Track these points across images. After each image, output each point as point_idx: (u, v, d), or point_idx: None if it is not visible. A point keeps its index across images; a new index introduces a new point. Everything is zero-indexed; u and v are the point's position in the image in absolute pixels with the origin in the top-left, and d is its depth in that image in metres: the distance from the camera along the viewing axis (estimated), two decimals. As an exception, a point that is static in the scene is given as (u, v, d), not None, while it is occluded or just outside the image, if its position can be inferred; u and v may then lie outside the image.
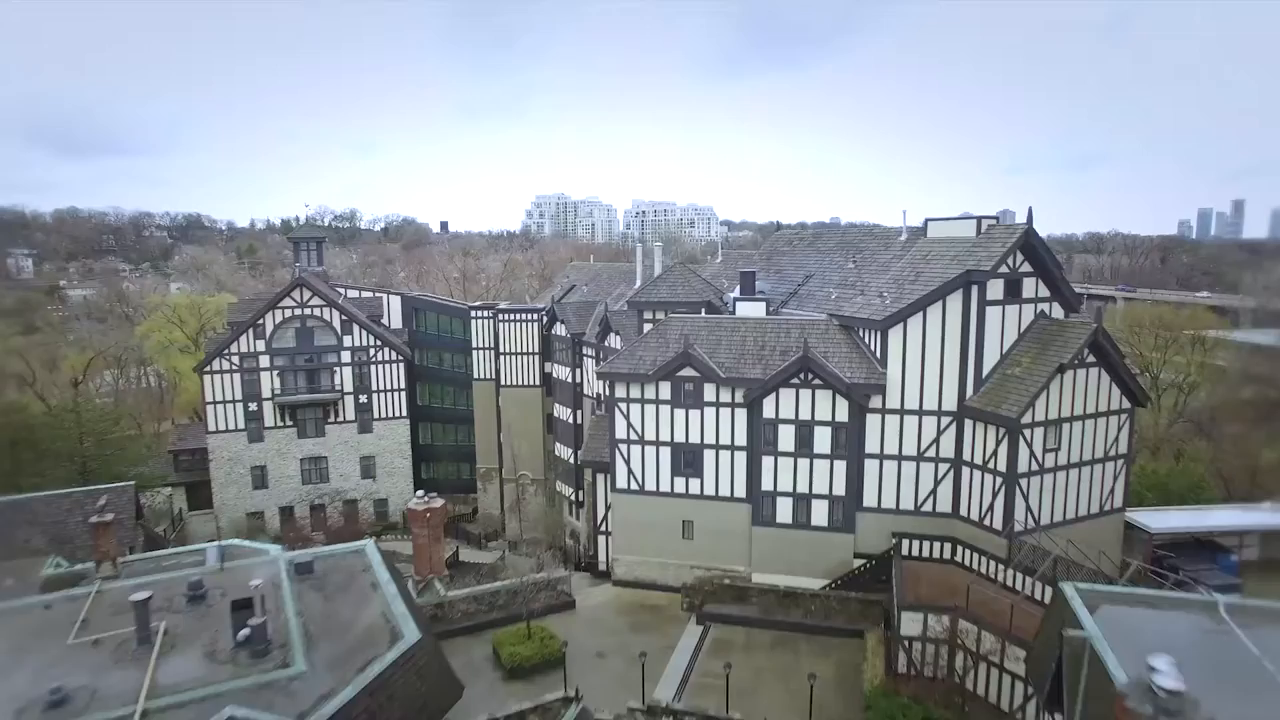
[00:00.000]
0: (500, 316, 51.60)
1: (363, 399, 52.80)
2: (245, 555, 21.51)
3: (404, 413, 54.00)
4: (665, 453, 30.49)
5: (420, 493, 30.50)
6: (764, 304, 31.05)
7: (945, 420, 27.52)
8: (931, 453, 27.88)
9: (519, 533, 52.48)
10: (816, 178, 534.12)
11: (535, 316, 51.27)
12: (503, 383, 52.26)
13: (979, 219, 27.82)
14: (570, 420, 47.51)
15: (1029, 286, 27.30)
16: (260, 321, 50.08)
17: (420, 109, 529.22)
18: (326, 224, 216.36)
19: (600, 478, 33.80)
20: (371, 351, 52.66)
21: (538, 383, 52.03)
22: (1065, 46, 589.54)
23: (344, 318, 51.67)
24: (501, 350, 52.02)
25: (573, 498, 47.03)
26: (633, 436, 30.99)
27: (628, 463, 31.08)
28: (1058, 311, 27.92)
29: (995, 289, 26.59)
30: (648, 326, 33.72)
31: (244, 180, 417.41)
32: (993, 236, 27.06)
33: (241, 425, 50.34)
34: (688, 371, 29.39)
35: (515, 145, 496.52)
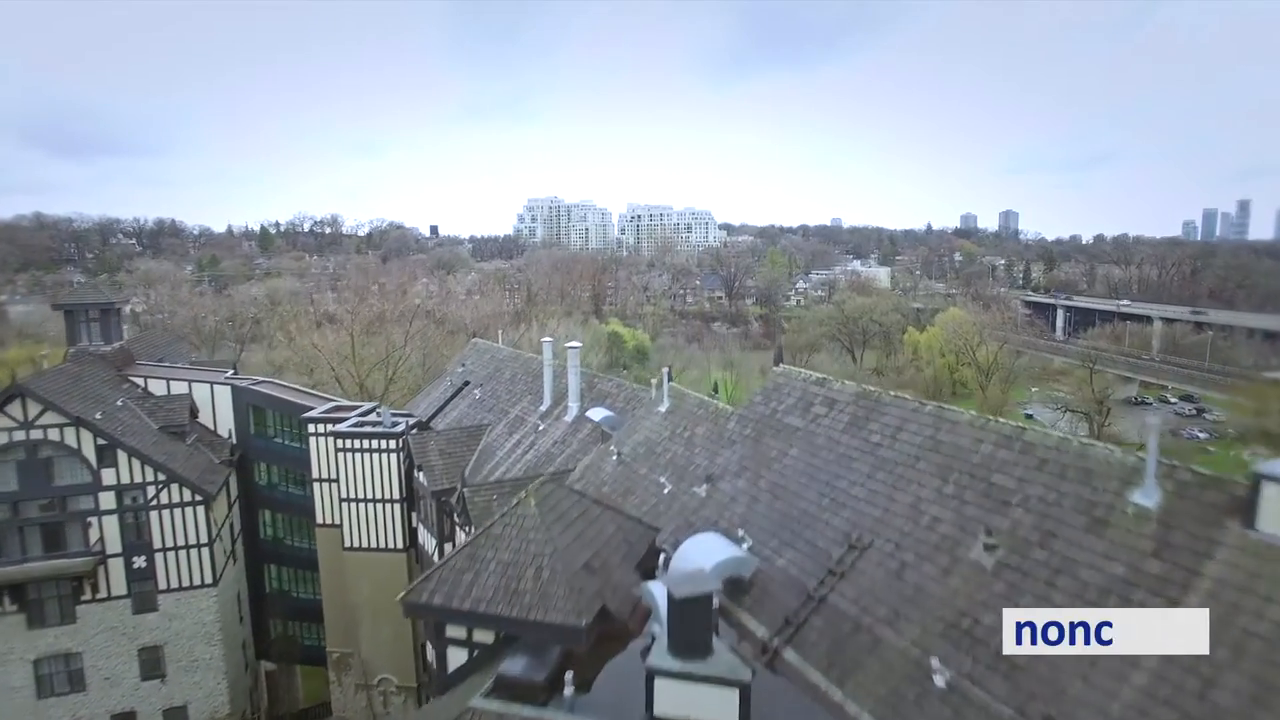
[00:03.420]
0: (340, 442, 30.99)
1: (139, 562, 32.37)
2: None
3: (210, 577, 33.48)
4: None
5: None
6: (735, 693, 10.28)
7: None
8: None
9: (380, 764, 32.36)
10: (817, 179, 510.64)
11: (395, 445, 30.67)
12: (348, 542, 31.77)
13: None
14: (439, 622, 27.08)
15: None
16: (-43, 452, 29.69)
17: (418, 109, 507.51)
18: (307, 229, 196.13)
19: None
20: (151, 490, 32.21)
21: (401, 545, 31.54)
22: (1069, 46, 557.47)
23: (102, 442, 31.23)
24: (345, 494, 31.49)
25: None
26: None
27: None
28: None
29: None
30: (459, 654, 13.15)
31: (239, 182, 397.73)
32: None
33: (-70, 615, 30.11)
34: None
35: (510, 147, 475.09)
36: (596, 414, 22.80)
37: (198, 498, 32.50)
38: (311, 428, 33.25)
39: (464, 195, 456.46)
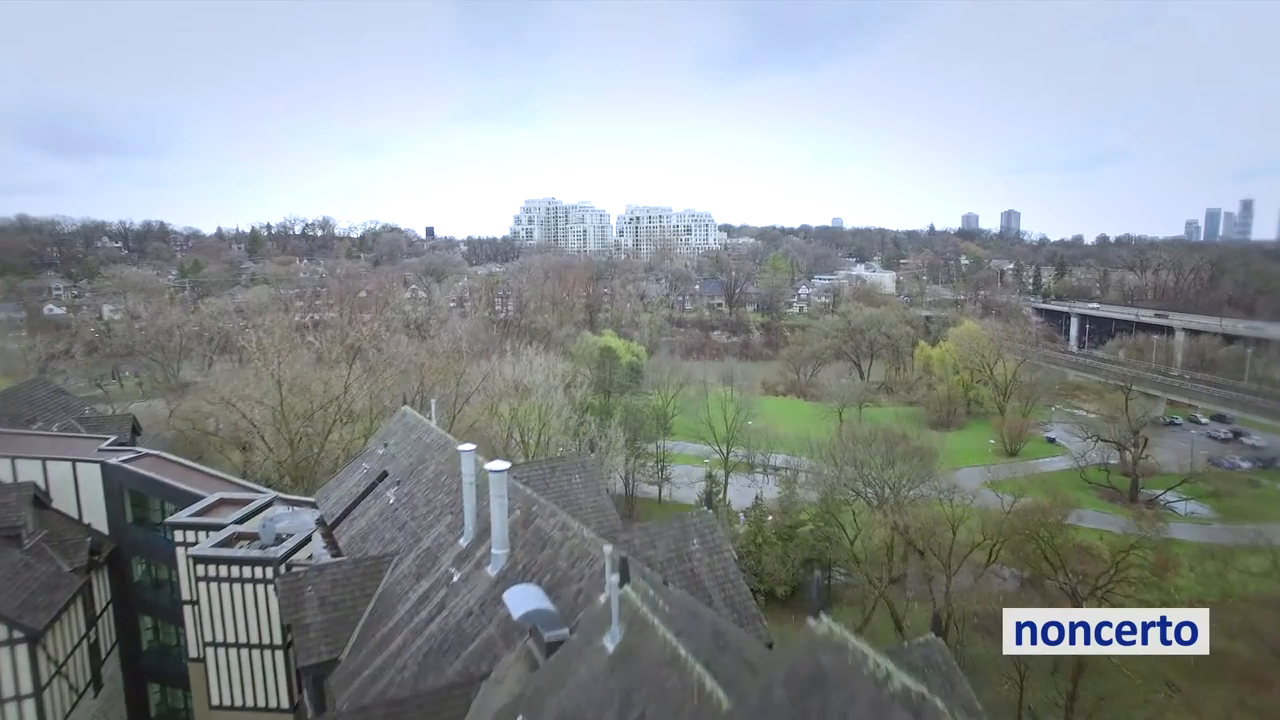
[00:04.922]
0: (200, 568, 22.25)
1: (-67, 724, 23.77)
2: None
3: (41, 733, 24.88)
4: None
5: None
6: None
7: None
8: None
9: None
10: (818, 179, 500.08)
11: (273, 573, 21.93)
12: (215, 699, 23.07)
13: None
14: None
15: None
16: None
17: (417, 109, 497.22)
18: (298, 232, 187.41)
19: None
20: (-48, 626, 23.50)
21: (285, 704, 22.83)
22: (1070, 46, 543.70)
23: (-120, 565, 22.43)
24: (209, 635, 22.79)
25: None
26: None
27: None
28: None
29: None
30: None
31: (238, 182, 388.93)
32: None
33: None
34: None
35: (509, 147, 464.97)
36: (516, 603, 13.99)
37: (18, 634, 23.82)
38: (179, 535, 24.61)
39: (461, 196, 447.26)
